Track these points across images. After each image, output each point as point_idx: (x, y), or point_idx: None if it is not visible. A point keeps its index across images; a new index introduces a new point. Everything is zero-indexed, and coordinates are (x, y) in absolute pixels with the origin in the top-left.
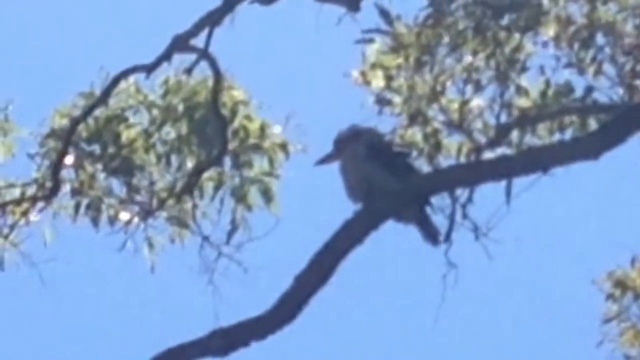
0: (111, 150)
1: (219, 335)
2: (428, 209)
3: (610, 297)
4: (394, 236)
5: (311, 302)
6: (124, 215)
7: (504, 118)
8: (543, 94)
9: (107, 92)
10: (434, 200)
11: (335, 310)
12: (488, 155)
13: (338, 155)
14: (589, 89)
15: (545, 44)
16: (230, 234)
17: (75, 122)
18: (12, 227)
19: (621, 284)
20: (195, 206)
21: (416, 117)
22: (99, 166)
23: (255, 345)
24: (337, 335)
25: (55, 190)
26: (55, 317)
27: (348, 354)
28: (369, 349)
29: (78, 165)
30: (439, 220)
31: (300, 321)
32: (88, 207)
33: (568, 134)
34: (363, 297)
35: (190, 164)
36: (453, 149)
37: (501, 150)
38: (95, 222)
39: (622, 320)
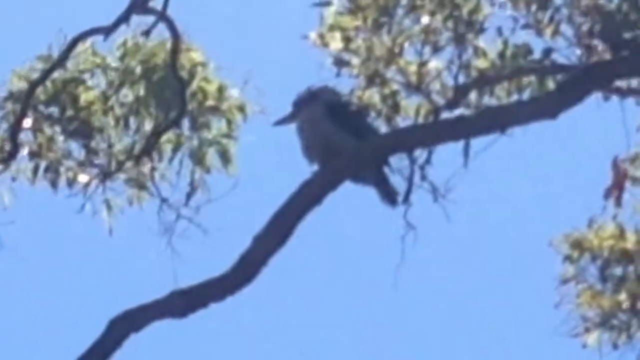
0: (69, 112)
1: (178, 296)
2: (386, 170)
3: (567, 258)
4: (352, 197)
5: (270, 263)
6: (83, 178)
7: (462, 79)
8: (501, 55)
9: (65, 55)
10: (393, 161)
11: (293, 271)
12: (446, 116)
13: (296, 116)
14: (547, 51)
15: (502, 5)
16: (189, 196)
17: (33, 85)
18: None
19: (578, 246)
20: (153, 168)
21: (374, 79)
22: (57, 129)
23: (215, 306)
24: (296, 295)
25: (13, 153)
26: (14, 279)
27: (306, 316)
28: (326, 311)
29: (36, 128)
30: (398, 182)
31: (259, 282)
32: (46, 169)
33: (526, 95)
34: (321, 258)
35: (148, 126)
36: (411, 111)
37: (459, 112)
38: (53, 184)
39: (579, 282)
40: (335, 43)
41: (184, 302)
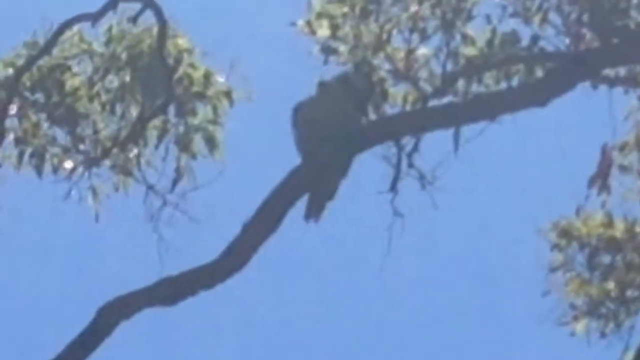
0: (55, 99)
1: (167, 284)
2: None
3: (555, 247)
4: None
5: (259, 250)
6: (68, 164)
7: (450, 67)
8: (489, 42)
9: (52, 41)
10: (380, 148)
11: (281, 259)
12: (434, 104)
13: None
14: (535, 38)
15: None
16: (174, 182)
17: (20, 71)
18: None
19: (566, 234)
20: (139, 155)
21: (362, 66)
22: (43, 115)
23: (204, 294)
24: (284, 283)
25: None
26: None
27: (294, 304)
28: (314, 298)
29: (22, 114)
30: (385, 169)
31: (248, 269)
32: (32, 155)
33: (515, 83)
34: (308, 245)
35: (134, 112)
36: (399, 98)
37: (448, 100)
38: (39, 170)
39: (567, 270)
40: (323, 30)
41: (174, 290)
